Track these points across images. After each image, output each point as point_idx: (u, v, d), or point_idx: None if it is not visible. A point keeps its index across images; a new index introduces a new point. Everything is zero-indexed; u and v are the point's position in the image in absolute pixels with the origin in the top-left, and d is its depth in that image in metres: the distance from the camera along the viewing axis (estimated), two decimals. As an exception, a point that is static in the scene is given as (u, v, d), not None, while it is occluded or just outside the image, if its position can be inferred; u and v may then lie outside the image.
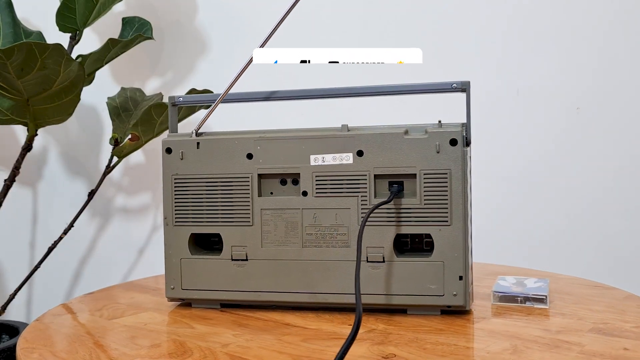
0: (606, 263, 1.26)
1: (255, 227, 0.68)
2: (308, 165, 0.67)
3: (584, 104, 1.26)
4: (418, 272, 0.64)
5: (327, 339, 0.59)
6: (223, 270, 0.69)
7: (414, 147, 0.65)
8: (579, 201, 1.26)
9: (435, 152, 0.64)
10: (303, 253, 0.67)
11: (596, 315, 0.65)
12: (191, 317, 0.68)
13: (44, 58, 0.91)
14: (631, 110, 1.25)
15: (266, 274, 0.68)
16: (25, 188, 1.35)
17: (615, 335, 0.58)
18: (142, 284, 0.91)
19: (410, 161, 0.65)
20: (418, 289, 0.64)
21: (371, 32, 1.30)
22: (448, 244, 0.64)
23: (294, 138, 0.69)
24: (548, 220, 1.27)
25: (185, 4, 1.32)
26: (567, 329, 0.60)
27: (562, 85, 1.26)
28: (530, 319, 0.64)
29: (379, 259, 0.65)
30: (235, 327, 0.64)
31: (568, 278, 0.89)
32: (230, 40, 1.32)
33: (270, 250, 0.68)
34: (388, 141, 0.65)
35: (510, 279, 0.76)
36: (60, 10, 1.09)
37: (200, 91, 1.10)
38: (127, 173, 1.35)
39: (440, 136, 0.65)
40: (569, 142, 1.26)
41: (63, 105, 1.04)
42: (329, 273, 0.66)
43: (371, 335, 0.59)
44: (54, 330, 0.65)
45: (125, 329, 0.64)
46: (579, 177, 1.26)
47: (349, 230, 0.66)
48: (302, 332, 0.61)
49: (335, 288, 0.66)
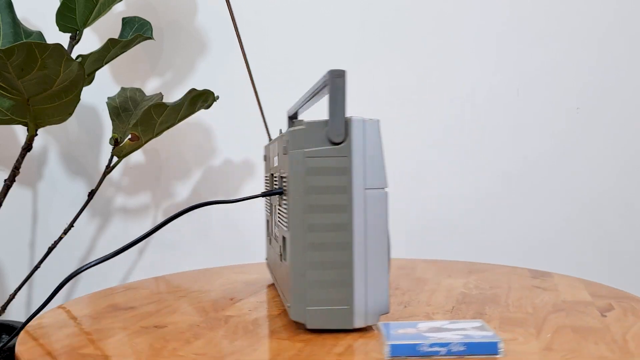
0: (605, 263, 1.26)
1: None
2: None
3: (583, 103, 1.25)
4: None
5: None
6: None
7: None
8: (578, 201, 1.26)
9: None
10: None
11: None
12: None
13: (44, 58, 0.92)
14: (631, 110, 1.25)
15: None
16: (25, 188, 1.35)
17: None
18: (142, 284, 0.91)
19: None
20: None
21: (370, 32, 1.30)
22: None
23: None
24: (547, 220, 1.27)
25: (185, 4, 1.32)
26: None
27: (562, 85, 1.26)
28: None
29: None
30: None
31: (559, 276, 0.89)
32: (230, 40, 1.32)
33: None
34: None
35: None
36: (60, 10, 1.09)
37: (200, 91, 1.10)
38: (127, 173, 1.35)
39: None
40: (569, 142, 1.26)
41: (63, 105, 1.05)
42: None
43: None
44: (53, 331, 0.65)
45: (125, 329, 0.64)
46: (579, 176, 1.26)
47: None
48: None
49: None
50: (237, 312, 0.71)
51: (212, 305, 0.75)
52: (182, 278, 0.95)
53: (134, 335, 0.62)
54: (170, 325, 0.66)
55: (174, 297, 0.80)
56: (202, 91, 1.10)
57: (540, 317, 0.66)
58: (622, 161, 1.26)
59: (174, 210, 1.34)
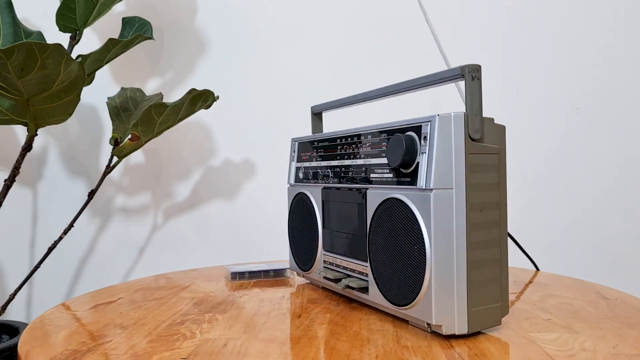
0: (604, 262, 1.26)
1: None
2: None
3: (583, 104, 1.26)
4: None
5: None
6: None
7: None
8: (578, 201, 1.26)
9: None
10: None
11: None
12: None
13: (44, 58, 0.92)
14: (631, 110, 1.25)
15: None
16: (25, 188, 1.35)
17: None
18: (141, 284, 0.91)
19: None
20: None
21: (370, 33, 1.30)
22: None
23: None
24: (546, 220, 1.27)
25: (185, 4, 1.32)
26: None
27: (562, 85, 1.26)
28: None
29: None
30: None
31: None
32: (230, 40, 1.32)
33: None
34: None
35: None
36: (60, 10, 1.09)
37: (200, 91, 1.10)
38: (127, 173, 1.35)
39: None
40: (569, 142, 1.26)
41: (63, 105, 1.05)
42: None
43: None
44: (53, 330, 0.65)
45: (125, 329, 0.64)
46: (578, 176, 1.26)
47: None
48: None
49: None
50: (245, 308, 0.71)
51: (213, 304, 0.75)
52: (182, 276, 0.95)
53: (134, 334, 0.62)
54: (170, 325, 0.66)
55: (173, 295, 0.80)
56: (202, 91, 1.10)
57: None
58: (622, 161, 1.26)
59: (174, 210, 1.34)
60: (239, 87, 1.33)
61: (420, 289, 0.57)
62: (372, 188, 0.66)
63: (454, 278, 0.56)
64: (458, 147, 0.57)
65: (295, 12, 1.31)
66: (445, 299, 0.56)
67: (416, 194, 0.58)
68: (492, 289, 0.58)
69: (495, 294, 0.59)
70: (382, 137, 0.65)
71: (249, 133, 1.33)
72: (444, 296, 0.56)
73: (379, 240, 0.63)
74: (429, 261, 0.56)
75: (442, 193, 0.56)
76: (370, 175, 0.66)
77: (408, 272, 0.59)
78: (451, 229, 0.56)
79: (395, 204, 0.61)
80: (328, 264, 0.77)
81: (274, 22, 1.32)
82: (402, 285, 0.60)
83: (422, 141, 0.58)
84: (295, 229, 0.86)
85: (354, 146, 0.70)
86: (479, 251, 0.57)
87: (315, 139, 0.81)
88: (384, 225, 0.63)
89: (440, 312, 0.56)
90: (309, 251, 0.82)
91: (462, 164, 0.57)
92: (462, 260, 0.57)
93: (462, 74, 0.58)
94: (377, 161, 0.66)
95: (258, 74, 1.32)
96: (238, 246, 1.33)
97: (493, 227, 0.59)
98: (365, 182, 0.67)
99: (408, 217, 0.59)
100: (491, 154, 0.59)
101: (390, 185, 0.62)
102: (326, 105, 0.86)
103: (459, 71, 0.58)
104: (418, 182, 0.58)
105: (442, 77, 0.61)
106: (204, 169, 1.34)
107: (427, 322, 0.57)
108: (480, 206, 0.58)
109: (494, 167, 0.59)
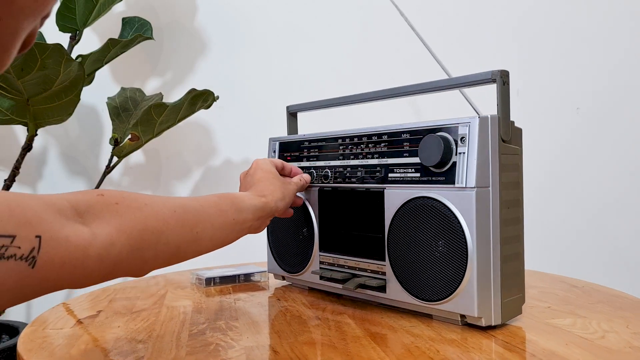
0: (603, 262, 1.26)
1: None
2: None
3: (583, 104, 1.26)
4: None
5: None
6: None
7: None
8: (578, 201, 1.26)
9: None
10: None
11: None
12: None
13: (43, 58, 0.92)
14: (631, 110, 1.25)
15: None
16: (25, 188, 1.35)
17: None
18: (141, 284, 0.91)
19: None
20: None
21: (371, 34, 1.30)
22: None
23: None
24: (546, 220, 1.27)
25: (185, 4, 1.32)
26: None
27: (562, 86, 1.26)
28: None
29: None
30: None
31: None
32: (230, 40, 1.32)
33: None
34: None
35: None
36: (60, 10, 1.09)
37: (200, 91, 1.10)
38: (127, 173, 1.35)
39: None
40: (569, 142, 1.26)
41: (63, 105, 1.05)
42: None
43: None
44: (53, 330, 0.65)
45: (125, 329, 0.64)
46: (578, 176, 1.26)
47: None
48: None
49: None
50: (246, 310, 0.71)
51: (214, 310, 0.75)
52: (181, 276, 0.95)
53: (134, 333, 0.62)
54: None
55: (173, 294, 0.80)
56: (202, 91, 1.10)
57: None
58: (622, 161, 1.26)
59: (174, 210, 1.34)
60: (239, 87, 1.33)
61: (459, 283, 0.58)
62: (390, 187, 0.66)
63: (491, 272, 0.59)
64: (494, 148, 0.59)
65: (295, 12, 1.31)
66: (484, 292, 0.58)
67: (454, 192, 0.59)
68: (517, 281, 0.62)
69: (520, 285, 0.62)
70: (403, 137, 0.65)
71: (249, 133, 1.33)
72: (484, 289, 0.58)
73: (402, 238, 0.64)
74: (471, 256, 0.57)
75: (481, 191, 0.58)
76: (389, 175, 0.66)
77: (443, 268, 0.60)
78: (488, 225, 0.59)
79: (427, 203, 0.61)
80: (327, 265, 0.76)
81: (274, 22, 1.32)
82: (434, 281, 0.61)
83: (460, 142, 0.59)
84: (279, 231, 0.83)
85: (363, 146, 0.70)
86: (508, 246, 0.60)
87: (306, 138, 0.80)
88: (410, 224, 0.63)
89: (481, 305, 0.58)
90: (301, 253, 0.80)
91: (496, 164, 0.59)
92: (497, 255, 0.59)
93: (493, 78, 0.61)
94: (396, 160, 0.66)
95: (258, 74, 1.32)
96: (238, 246, 1.33)
97: (517, 222, 0.62)
98: (381, 182, 0.67)
99: (445, 215, 0.59)
100: (514, 154, 0.62)
101: (416, 185, 0.63)
102: (304, 106, 0.86)
103: (489, 75, 0.61)
104: (456, 181, 0.59)
105: (473, 80, 0.64)
106: (204, 169, 1.34)
107: (465, 314, 0.59)
108: (508, 203, 0.60)
109: (517, 167, 0.62)
